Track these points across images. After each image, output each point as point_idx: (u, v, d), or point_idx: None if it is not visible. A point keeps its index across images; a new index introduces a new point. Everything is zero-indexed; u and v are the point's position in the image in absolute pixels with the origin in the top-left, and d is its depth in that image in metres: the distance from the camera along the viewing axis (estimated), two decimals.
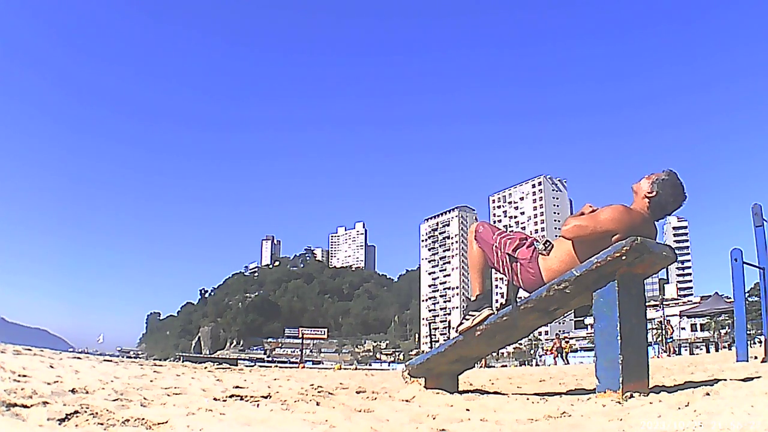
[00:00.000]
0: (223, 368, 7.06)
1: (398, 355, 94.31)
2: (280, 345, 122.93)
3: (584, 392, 2.89)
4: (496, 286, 57.73)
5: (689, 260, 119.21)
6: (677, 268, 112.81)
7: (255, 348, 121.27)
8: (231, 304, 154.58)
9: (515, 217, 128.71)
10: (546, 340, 69.79)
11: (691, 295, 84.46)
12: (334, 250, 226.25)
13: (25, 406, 1.76)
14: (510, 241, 2.83)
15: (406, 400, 2.77)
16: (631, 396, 2.27)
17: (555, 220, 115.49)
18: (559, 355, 25.21)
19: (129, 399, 2.24)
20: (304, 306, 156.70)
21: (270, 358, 74.28)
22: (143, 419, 1.81)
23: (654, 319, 39.07)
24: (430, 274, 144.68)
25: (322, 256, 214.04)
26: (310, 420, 1.98)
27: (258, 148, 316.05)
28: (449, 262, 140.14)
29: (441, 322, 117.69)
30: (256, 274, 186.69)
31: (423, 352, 22.51)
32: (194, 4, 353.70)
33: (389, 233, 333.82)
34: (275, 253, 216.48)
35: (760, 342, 8.22)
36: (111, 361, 6.04)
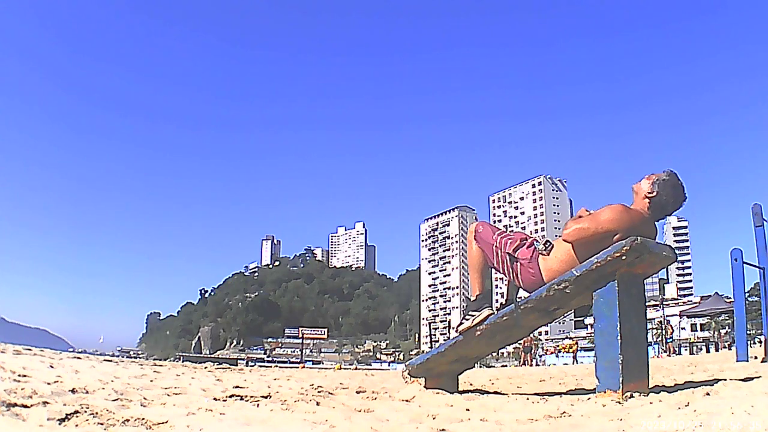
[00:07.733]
0: (223, 368, 7.06)
1: (398, 355, 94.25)
2: (280, 345, 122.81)
3: (584, 392, 2.89)
4: (496, 286, 57.74)
5: (689, 260, 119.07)
6: (677, 268, 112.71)
7: (255, 348, 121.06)
8: (231, 304, 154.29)
9: (515, 217, 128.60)
10: (546, 340, 69.82)
11: (691, 295, 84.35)
12: (334, 250, 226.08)
13: (25, 406, 1.76)
14: (510, 241, 2.83)
15: (406, 400, 2.76)
16: (631, 396, 2.27)
17: (555, 220, 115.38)
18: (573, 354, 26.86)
19: (129, 399, 2.24)
20: (304, 306, 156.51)
21: (270, 358, 74.03)
22: (143, 419, 1.81)
23: (654, 319, 39.08)
24: (430, 274, 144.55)
25: (322, 256, 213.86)
26: (310, 420, 1.98)
27: (258, 148, 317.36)
28: (449, 262, 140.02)
29: (441, 322, 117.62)
30: (256, 274, 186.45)
31: (423, 352, 22.48)
32: (194, 4, 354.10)
33: (389, 233, 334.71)
34: (275, 253, 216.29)
35: (760, 342, 8.22)
36: (111, 361, 6.05)
